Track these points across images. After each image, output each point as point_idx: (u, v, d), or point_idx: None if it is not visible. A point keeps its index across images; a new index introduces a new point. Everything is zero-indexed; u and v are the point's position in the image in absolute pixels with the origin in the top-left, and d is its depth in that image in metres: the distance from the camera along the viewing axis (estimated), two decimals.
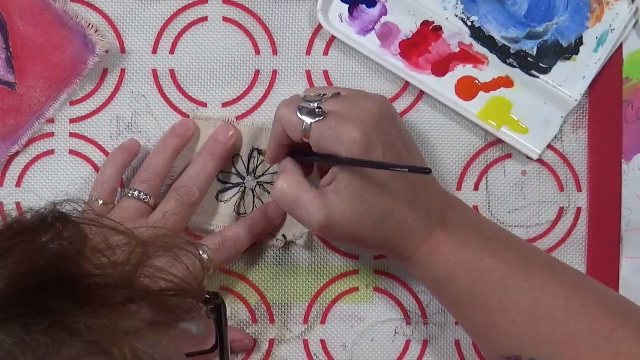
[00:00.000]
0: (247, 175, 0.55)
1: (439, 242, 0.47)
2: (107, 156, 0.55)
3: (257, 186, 0.55)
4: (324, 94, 0.48)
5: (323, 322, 0.57)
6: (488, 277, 0.47)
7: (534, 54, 0.56)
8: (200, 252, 0.49)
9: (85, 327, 0.30)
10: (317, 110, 0.46)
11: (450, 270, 0.47)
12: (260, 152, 0.55)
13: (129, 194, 0.52)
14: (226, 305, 0.40)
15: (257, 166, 0.55)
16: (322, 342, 0.57)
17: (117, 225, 0.36)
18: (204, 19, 0.56)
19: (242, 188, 0.55)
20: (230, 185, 0.55)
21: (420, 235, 0.47)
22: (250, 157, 0.55)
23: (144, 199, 0.52)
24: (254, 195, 0.55)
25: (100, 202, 0.52)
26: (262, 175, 0.55)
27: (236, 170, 0.55)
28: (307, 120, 0.46)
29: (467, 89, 0.56)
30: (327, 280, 0.56)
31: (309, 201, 0.46)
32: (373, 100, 0.48)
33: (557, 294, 0.46)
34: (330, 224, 0.46)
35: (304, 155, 0.50)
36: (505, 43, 0.56)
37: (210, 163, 0.53)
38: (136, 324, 0.33)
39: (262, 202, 0.55)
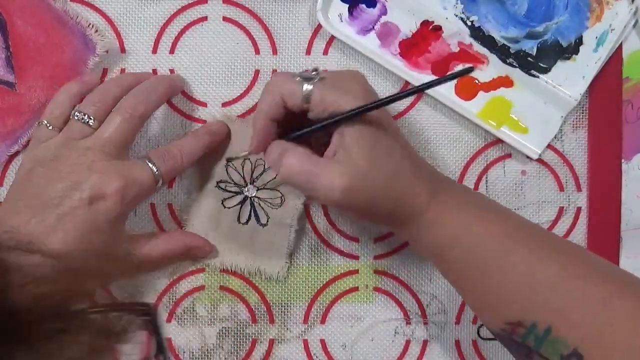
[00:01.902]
0: (249, 184, 0.55)
1: (444, 204, 0.48)
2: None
3: (257, 194, 0.55)
4: (313, 71, 0.49)
5: (323, 322, 0.57)
6: (489, 241, 0.47)
7: (534, 54, 0.56)
8: (149, 164, 0.50)
9: None
10: (313, 74, 0.48)
11: (454, 233, 0.47)
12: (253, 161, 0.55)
13: (75, 116, 0.51)
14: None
15: (259, 175, 0.55)
16: (322, 342, 0.57)
17: (33, 246, 0.34)
18: (204, 19, 0.56)
19: (243, 197, 0.55)
20: (232, 193, 0.55)
21: (426, 195, 0.47)
22: (248, 164, 0.55)
23: (88, 122, 0.50)
24: (252, 204, 0.55)
25: (50, 127, 0.51)
26: (264, 188, 0.55)
27: (242, 175, 0.55)
28: (307, 84, 0.47)
29: (467, 88, 0.56)
30: (327, 280, 0.56)
31: (326, 169, 0.46)
32: (350, 71, 0.51)
33: (554, 260, 0.46)
34: (353, 185, 0.45)
35: (293, 134, 0.49)
36: (505, 43, 0.56)
37: (162, 85, 0.53)
38: (75, 353, 0.32)
39: (263, 210, 0.55)
